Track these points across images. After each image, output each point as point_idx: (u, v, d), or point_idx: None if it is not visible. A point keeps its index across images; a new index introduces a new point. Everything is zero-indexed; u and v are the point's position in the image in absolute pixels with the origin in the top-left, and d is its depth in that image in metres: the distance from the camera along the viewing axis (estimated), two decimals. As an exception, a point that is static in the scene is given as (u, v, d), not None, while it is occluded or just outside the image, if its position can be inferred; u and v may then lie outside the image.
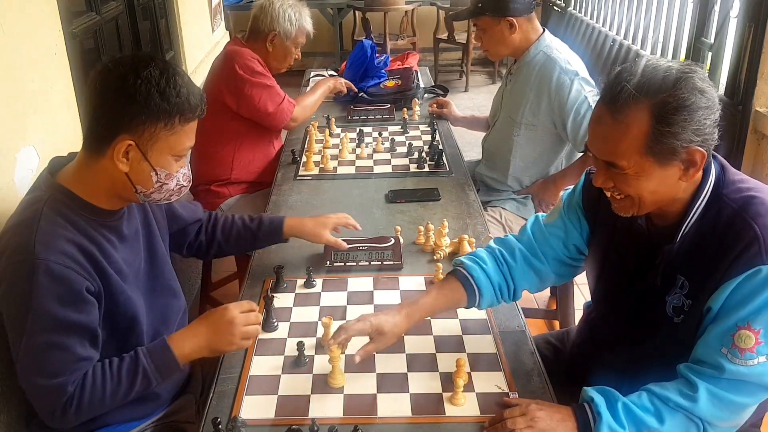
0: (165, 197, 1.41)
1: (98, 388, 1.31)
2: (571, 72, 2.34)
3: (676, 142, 1.18)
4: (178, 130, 1.33)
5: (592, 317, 1.61)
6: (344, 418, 1.30)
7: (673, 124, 1.16)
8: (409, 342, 1.52)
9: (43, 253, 1.25)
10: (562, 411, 1.26)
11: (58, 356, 1.28)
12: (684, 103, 1.16)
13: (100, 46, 2.50)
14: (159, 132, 1.31)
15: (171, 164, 1.36)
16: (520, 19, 2.40)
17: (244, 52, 2.64)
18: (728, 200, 1.25)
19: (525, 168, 2.54)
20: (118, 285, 1.38)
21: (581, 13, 5.22)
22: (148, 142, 1.31)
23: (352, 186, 2.36)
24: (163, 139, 1.32)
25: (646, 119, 1.18)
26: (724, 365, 1.18)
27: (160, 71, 1.29)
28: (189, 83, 1.34)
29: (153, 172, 1.34)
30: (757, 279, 1.17)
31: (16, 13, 1.74)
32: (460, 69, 6.95)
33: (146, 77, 1.28)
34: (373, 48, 3.28)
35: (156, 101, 1.28)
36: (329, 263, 1.83)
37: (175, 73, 1.32)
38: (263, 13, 2.67)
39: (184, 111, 1.32)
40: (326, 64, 4.54)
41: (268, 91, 2.62)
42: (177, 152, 1.36)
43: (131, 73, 1.28)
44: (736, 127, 2.66)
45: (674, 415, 1.21)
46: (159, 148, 1.33)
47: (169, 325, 1.57)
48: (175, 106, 1.30)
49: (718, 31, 2.95)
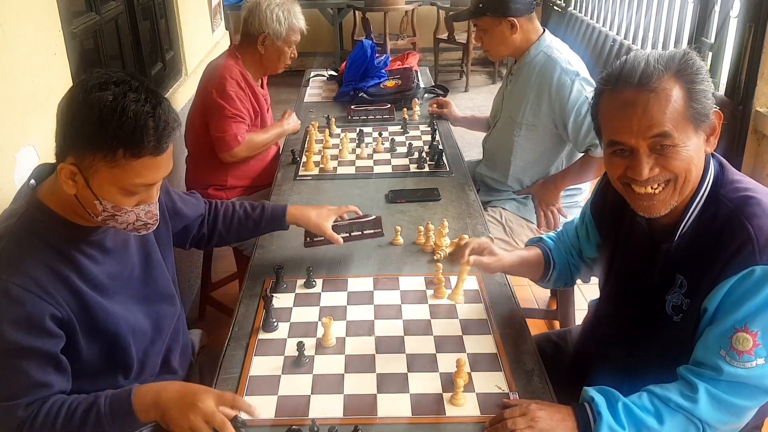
0: (126, 228, 1.31)
1: (49, 421, 1.24)
2: (572, 72, 2.34)
3: (706, 101, 1.23)
4: (123, 164, 1.19)
5: (596, 315, 1.62)
6: (344, 419, 1.30)
7: (700, 83, 1.23)
8: (409, 342, 1.52)
9: (5, 274, 1.19)
10: (562, 411, 1.26)
11: (13, 378, 1.22)
12: (699, 67, 1.24)
13: (100, 46, 2.50)
14: (98, 163, 1.19)
15: (119, 198, 1.24)
16: (521, 20, 2.40)
17: (228, 70, 2.60)
18: (725, 200, 1.26)
19: (525, 168, 2.54)
20: (95, 302, 1.32)
21: (581, 13, 5.22)
22: (88, 170, 1.20)
23: (352, 186, 2.36)
24: (104, 172, 1.20)
25: (678, 85, 1.22)
26: (722, 367, 1.19)
27: (114, 96, 1.17)
28: (153, 117, 1.19)
29: (97, 201, 1.24)
30: (751, 279, 1.17)
31: (16, 13, 1.74)
32: (460, 69, 6.95)
33: (94, 100, 1.17)
34: (373, 48, 3.27)
35: (93, 129, 1.17)
36: (309, 239, 1.84)
37: (138, 102, 1.18)
38: (251, 16, 2.63)
39: (129, 145, 1.18)
40: (326, 64, 4.54)
41: (224, 120, 2.58)
42: (125, 186, 1.23)
43: (81, 92, 1.19)
44: (736, 127, 2.66)
45: (674, 415, 1.21)
46: (100, 180, 1.21)
47: (162, 332, 1.53)
48: (114, 138, 1.16)
49: (718, 31, 2.95)
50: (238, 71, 2.64)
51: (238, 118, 2.60)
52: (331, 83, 3.60)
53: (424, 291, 1.71)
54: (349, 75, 3.29)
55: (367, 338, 1.53)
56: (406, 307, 1.65)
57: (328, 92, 3.47)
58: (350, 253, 1.89)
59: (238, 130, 2.59)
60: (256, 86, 2.74)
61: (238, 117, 2.60)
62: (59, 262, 1.27)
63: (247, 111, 2.65)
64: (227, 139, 2.59)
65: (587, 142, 2.30)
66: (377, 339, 1.53)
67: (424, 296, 1.70)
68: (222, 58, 2.71)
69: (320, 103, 3.33)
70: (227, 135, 2.58)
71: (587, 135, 2.28)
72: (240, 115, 2.61)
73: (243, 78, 2.65)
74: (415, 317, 1.61)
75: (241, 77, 2.64)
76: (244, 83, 2.65)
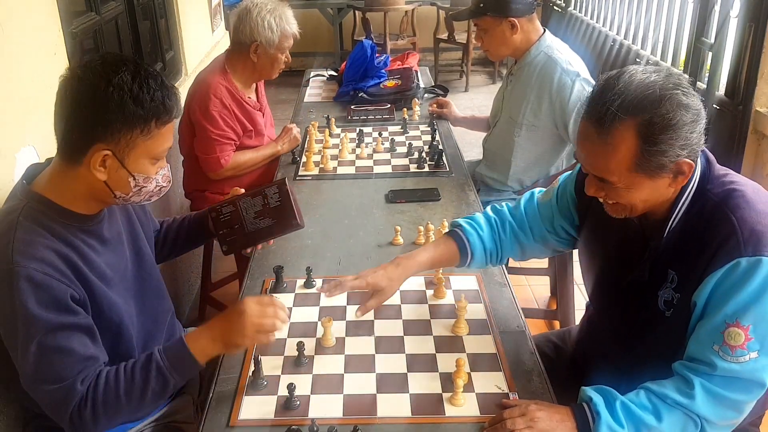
0: (144, 198, 1.39)
1: (111, 387, 1.27)
2: (573, 73, 2.34)
3: (664, 158, 1.21)
4: (155, 133, 1.30)
5: (591, 314, 1.62)
6: (344, 419, 1.30)
7: (660, 143, 1.19)
8: (409, 342, 1.52)
9: (23, 262, 1.22)
10: (561, 411, 1.26)
11: (59, 359, 1.24)
12: (669, 122, 1.18)
13: (100, 46, 2.50)
14: (136, 138, 1.28)
15: (149, 168, 1.33)
16: (521, 20, 2.40)
17: (213, 89, 2.53)
18: (711, 194, 1.27)
19: (526, 168, 2.54)
20: (101, 291, 1.35)
21: (581, 13, 5.22)
22: (125, 150, 1.28)
23: (352, 186, 2.36)
24: (141, 145, 1.29)
25: (633, 140, 1.20)
26: (716, 362, 1.19)
27: (132, 75, 1.25)
28: (162, 85, 1.30)
29: (131, 178, 1.32)
30: (737, 272, 1.18)
31: (16, 13, 1.74)
32: (460, 69, 6.95)
33: (118, 84, 1.24)
34: (373, 48, 3.27)
35: (130, 108, 1.25)
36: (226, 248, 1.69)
37: (148, 76, 1.28)
38: (242, 24, 2.53)
39: (160, 114, 1.28)
40: (326, 64, 4.53)
41: (208, 142, 2.55)
42: (155, 155, 1.33)
43: (102, 80, 1.24)
44: (736, 127, 2.66)
45: (672, 412, 1.21)
46: (136, 155, 1.30)
47: (160, 326, 1.55)
48: (149, 110, 1.26)
49: (718, 31, 2.95)
50: (225, 88, 2.55)
51: (222, 140, 2.55)
52: (331, 83, 3.60)
53: (424, 291, 1.72)
54: (349, 75, 3.29)
55: (367, 338, 1.53)
56: (406, 307, 1.65)
57: (328, 92, 3.47)
58: (350, 253, 1.89)
59: (221, 153, 2.56)
60: (246, 99, 2.65)
61: (221, 139, 2.55)
62: (66, 248, 1.30)
63: (233, 129, 2.58)
64: (210, 161, 2.57)
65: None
66: (377, 339, 1.53)
67: (424, 296, 1.70)
68: (209, 73, 2.62)
69: (320, 103, 3.33)
70: (210, 158, 2.56)
71: None
72: (224, 136, 2.55)
73: (229, 94, 2.56)
74: (414, 317, 1.61)
75: (227, 94, 2.55)
76: (231, 100, 2.56)
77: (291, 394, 1.32)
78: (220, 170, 2.59)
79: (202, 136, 2.56)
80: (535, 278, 3.19)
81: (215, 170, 2.59)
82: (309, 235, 1.99)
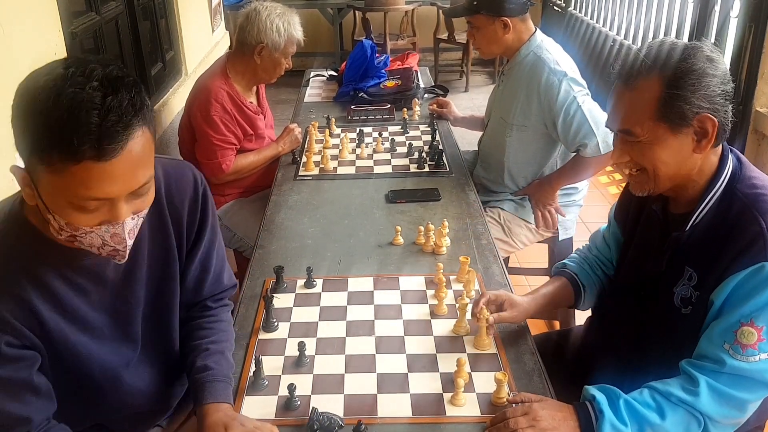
0: (99, 253, 1.07)
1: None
2: (560, 72, 2.32)
3: (685, 106, 1.22)
4: (61, 169, 0.94)
5: (604, 306, 1.62)
6: (344, 419, 1.29)
7: (682, 87, 1.21)
8: (410, 342, 1.52)
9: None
10: (564, 410, 1.26)
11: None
12: (692, 67, 1.22)
13: (100, 46, 2.50)
14: (36, 166, 0.96)
15: (71, 214, 0.99)
16: (514, 20, 2.39)
17: (215, 93, 2.52)
18: (740, 194, 1.27)
19: (519, 169, 2.52)
20: (69, 339, 1.14)
21: (581, 13, 5.22)
22: (33, 175, 0.99)
23: (352, 186, 2.36)
24: (45, 178, 0.96)
25: (657, 85, 1.23)
26: (725, 360, 1.19)
27: (55, 81, 0.92)
28: (92, 106, 0.91)
29: (50, 216, 1.02)
30: (760, 275, 1.18)
31: (16, 14, 1.74)
32: (460, 69, 6.95)
33: (32, 86, 0.94)
34: (373, 48, 3.28)
35: (24, 123, 0.94)
36: None
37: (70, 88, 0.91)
38: (250, 24, 2.52)
39: (60, 144, 0.91)
40: (326, 64, 4.53)
41: (210, 147, 2.55)
42: (71, 200, 0.98)
43: (32, 77, 0.97)
44: (736, 127, 2.66)
45: (676, 410, 1.21)
46: (45, 189, 0.99)
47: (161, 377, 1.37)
48: (45, 134, 0.92)
49: (718, 31, 2.95)
50: (225, 93, 2.55)
51: (223, 145, 2.55)
52: (331, 83, 3.60)
53: (424, 291, 1.72)
54: (349, 75, 3.29)
55: (368, 338, 1.53)
56: (406, 307, 1.65)
57: (328, 92, 3.47)
58: (350, 253, 1.90)
59: (223, 158, 2.56)
60: (247, 103, 2.65)
61: (223, 144, 2.55)
62: (32, 287, 1.08)
63: (234, 134, 2.58)
64: (212, 167, 2.57)
65: (577, 141, 2.28)
66: (377, 339, 1.53)
67: (424, 296, 1.70)
68: (210, 77, 2.62)
69: (320, 103, 3.33)
70: (212, 163, 2.56)
71: (576, 135, 2.27)
72: (225, 141, 2.56)
73: (230, 99, 2.56)
74: (415, 317, 1.61)
75: (227, 98, 2.55)
76: (231, 104, 2.56)
77: (292, 395, 1.32)
78: (221, 175, 2.59)
79: (203, 141, 2.56)
80: (535, 278, 3.18)
81: (217, 175, 2.59)
82: (309, 235, 1.99)
